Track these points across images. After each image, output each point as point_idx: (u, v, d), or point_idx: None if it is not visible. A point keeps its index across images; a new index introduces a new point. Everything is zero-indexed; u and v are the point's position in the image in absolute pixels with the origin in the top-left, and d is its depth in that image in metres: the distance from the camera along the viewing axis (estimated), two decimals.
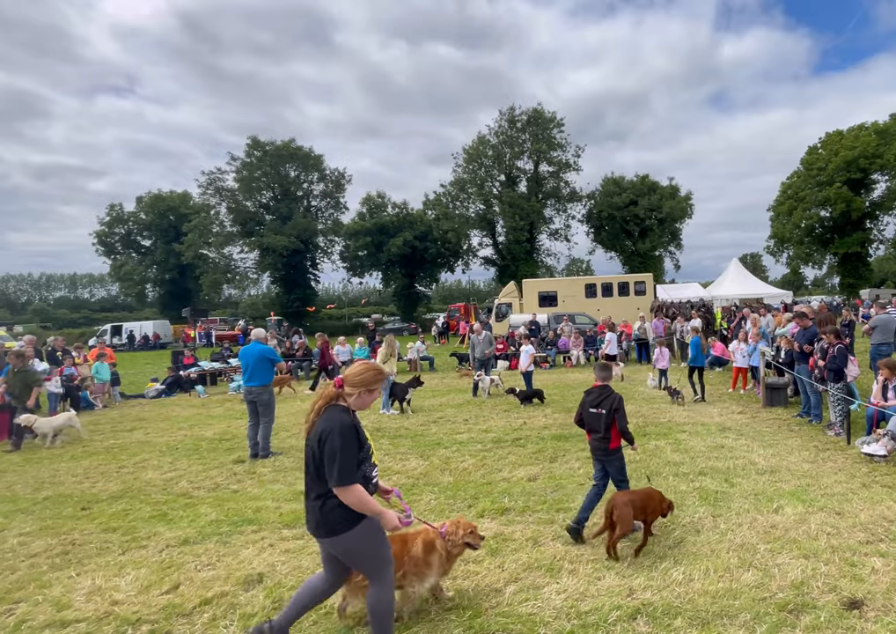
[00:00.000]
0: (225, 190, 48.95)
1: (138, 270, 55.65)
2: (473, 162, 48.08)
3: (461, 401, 12.47)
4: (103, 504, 6.37)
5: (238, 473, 7.45)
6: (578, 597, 3.78)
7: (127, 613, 3.91)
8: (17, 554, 5.09)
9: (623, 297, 26.61)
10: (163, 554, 4.91)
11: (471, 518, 5.32)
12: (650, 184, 49.75)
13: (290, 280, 49.41)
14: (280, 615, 3.41)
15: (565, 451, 7.65)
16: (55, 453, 9.23)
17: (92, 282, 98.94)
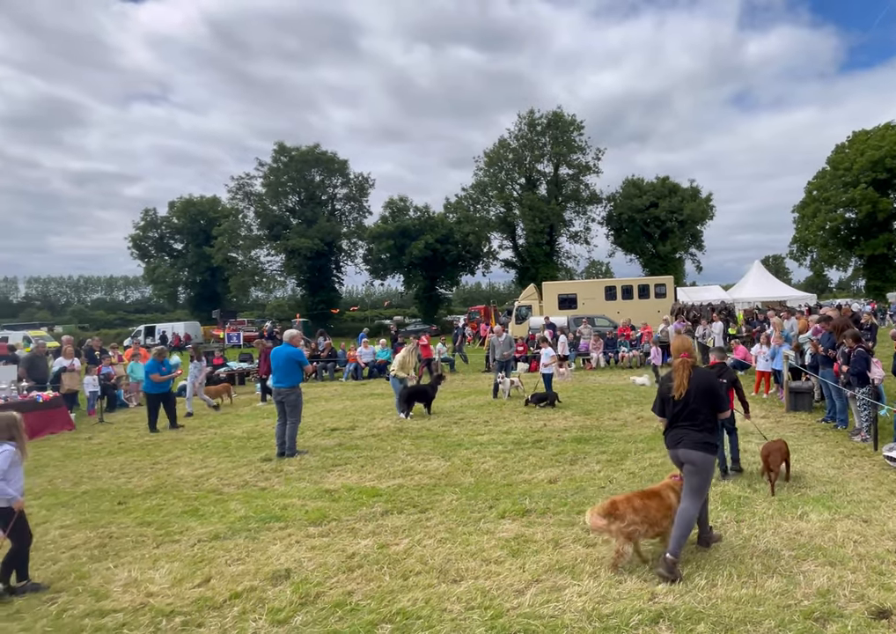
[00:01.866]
0: (253, 195, 49.56)
1: (170, 273, 56.60)
2: (494, 165, 47.97)
3: (482, 402, 12.45)
4: (138, 499, 6.52)
5: (265, 471, 7.55)
6: (600, 600, 3.74)
7: (161, 604, 3.99)
8: (58, 545, 5.23)
9: (643, 299, 26.31)
10: (195, 548, 5.00)
11: (492, 519, 5.34)
12: (671, 186, 49.00)
13: (314, 282, 49.84)
14: (669, 550, 4.09)
15: (585, 453, 7.59)
16: (93, 449, 9.48)
17: (127, 284, 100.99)
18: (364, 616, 3.69)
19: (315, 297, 49.87)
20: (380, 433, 9.64)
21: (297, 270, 48.99)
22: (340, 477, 7.06)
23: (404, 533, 5.11)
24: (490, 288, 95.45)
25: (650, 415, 9.82)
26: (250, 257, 50.12)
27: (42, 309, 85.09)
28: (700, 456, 4.20)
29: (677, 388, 4.39)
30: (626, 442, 8.10)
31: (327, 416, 11.55)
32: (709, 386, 4.39)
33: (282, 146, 48.63)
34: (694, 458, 4.22)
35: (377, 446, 8.71)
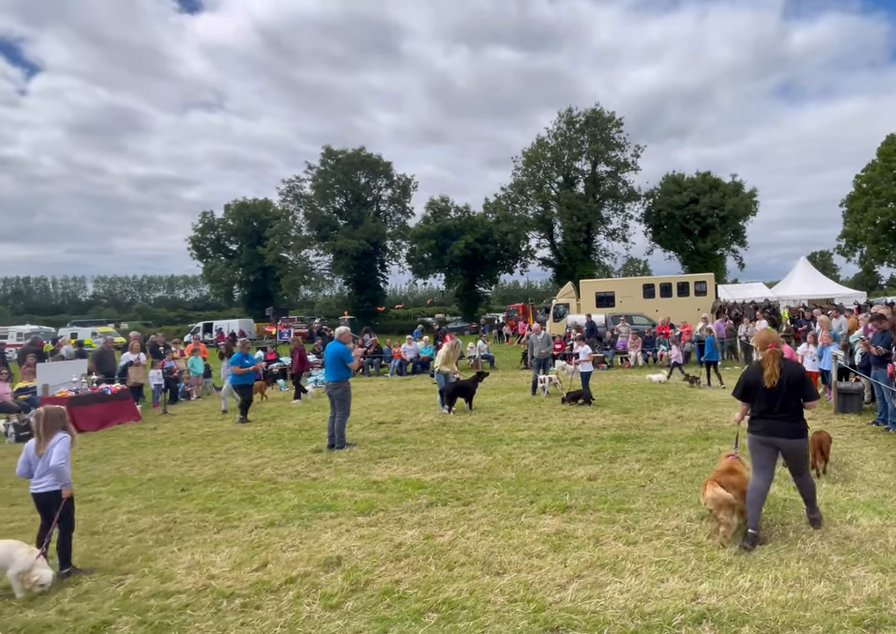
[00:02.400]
0: (303, 197, 50.43)
1: (226, 272, 58.20)
2: (532, 164, 47.21)
3: (521, 399, 12.38)
4: (199, 487, 6.74)
5: (316, 462, 7.71)
6: (642, 598, 3.67)
7: (222, 587, 4.11)
8: (125, 529, 5.43)
9: (683, 297, 25.49)
10: (252, 534, 5.14)
11: (533, 513, 5.32)
12: (712, 181, 46.98)
13: (361, 281, 50.49)
14: (749, 525, 4.45)
15: (625, 452, 7.44)
16: (158, 438, 9.86)
17: (187, 283, 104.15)
18: (412, 605, 3.73)
19: (361, 295, 50.52)
20: (424, 427, 9.71)
21: (344, 270, 49.69)
22: (387, 469, 7.15)
23: (448, 525, 5.13)
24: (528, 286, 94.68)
25: (690, 414, 9.65)
26: (300, 257, 51.09)
27: (109, 307, 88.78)
28: (799, 443, 4.63)
29: (769, 378, 4.55)
30: (666, 441, 7.88)
31: (374, 410, 11.71)
32: (799, 376, 4.64)
33: (330, 150, 49.33)
34: (794, 446, 4.61)
35: (421, 439, 8.78)
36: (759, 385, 4.62)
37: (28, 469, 4.63)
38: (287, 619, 3.64)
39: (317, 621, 3.60)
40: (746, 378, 4.80)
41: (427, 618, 3.58)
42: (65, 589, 4.21)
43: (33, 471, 4.60)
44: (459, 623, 3.49)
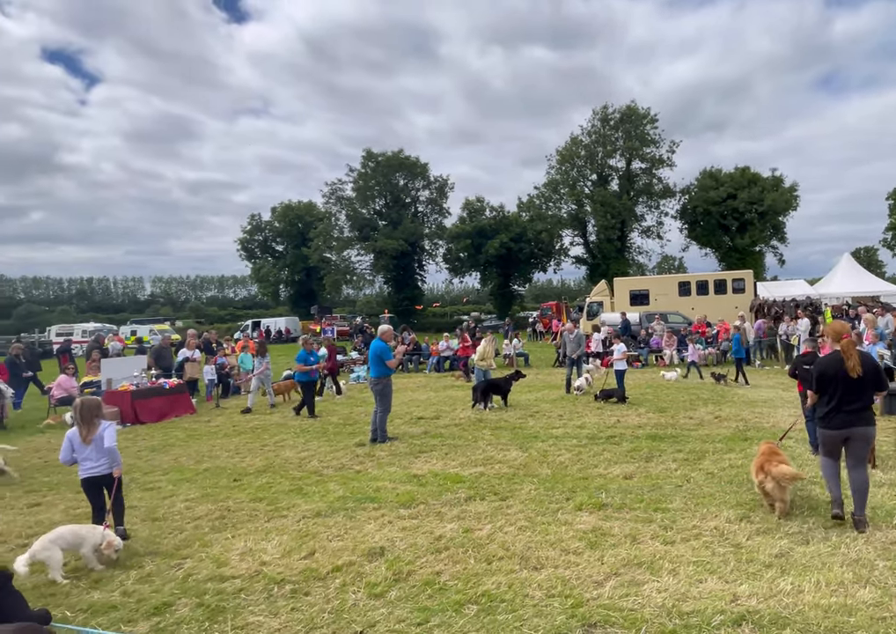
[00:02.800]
0: (344, 199, 50.95)
1: (273, 272, 59.43)
2: (566, 163, 46.26)
3: (555, 396, 12.27)
4: (250, 477, 6.93)
5: (359, 455, 7.83)
6: (680, 597, 3.61)
7: (273, 573, 4.23)
8: (183, 516, 5.62)
9: (720, 295, 24.63)
10: (300, 523, 5.25)
11: (569, 510, 5.27)
12: (751, 176, 44.79)
13: (400, 280, 50.85)
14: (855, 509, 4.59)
15: (661, 451, 7.27)
16: (211, 431, 10.18)
17: (237, 283, 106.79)
18: (452, 596, 3.76)
19: (400, 294, 50.90)
20: (462, 423, 9.74)
21: (384, 269, 50.16)
22: (426, 463, 7.21)
23: (486, 519, 5.15)
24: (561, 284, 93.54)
25: (728, 414, 9.37)
26: (342, 257, 51.72)
27: (165, 305, 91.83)
28: (870, 430, 4.71)
29: (853, 369, 4.56)
30: (703, 442, 7.66)
31: (414, 405, 11.81)
32: (874, 366, 4.74)
33: (370, 152, 49.73)
34: (869, 433, 4.70)
35: (459, 435, 8.81)
36: (837, 376, 4.61)
37: (72, 457, 4.97)
38: (334, 606, 3.72)
39: (362, 608, 3.67)
40: (823, 369, 4.74)
41: (467, 610, 3.60)
42: (128, 572, 4.40)
43: (76, 458, 4.94)
44: (498, 616, 3.50)
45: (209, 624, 3.57)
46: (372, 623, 3.49)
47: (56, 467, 7.88)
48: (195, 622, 3.60)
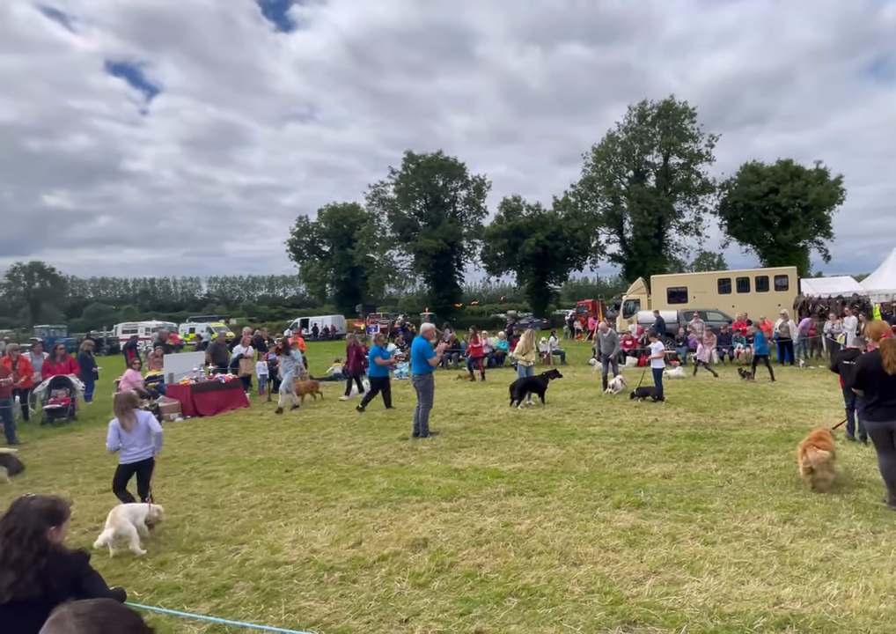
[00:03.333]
0: (386, 200, 51.36)
1: (320, 272, 60.55)
2: (602, 160, 45.07)
3: (592, 394, 12.06)
4: (301, 468, 7.08)
5: (402, 449, 7.90)
6: (721, 598, 3.51)
7: (323, 560, 4.32)
8: (240, 504, 5.79)
9: (762, 292, 23.52)
10: (347, 514, 5.35)
11: (608, 508, 5.19)
12: (793, 169, 42.49)
13: (439, 279, 51.03)
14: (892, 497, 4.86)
15: (700, 451, 7.03)
16: (264, 423, 10.47)
17: (286, 283, 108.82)
18: (493, 588, 3.77)
19: (440, 292, 51.09)
20: (500, 419, 9.72)
21: (424, 268, 50.42)
22: (466, 458, 7.22)
23: (525, 514, 5.13)
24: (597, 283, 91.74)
25: (771, 415, 9.00)
26: (384, 257, 52.23)
27: (220, 304, 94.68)
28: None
29: (889, 366, 4.76)
30: (744, 442, 7.37)
31: (453, 401, 11.84)
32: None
33: (411, 155, 50.02)
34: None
35: (497, 431, 8.79)
36: (876, 373, 4.85)
37: (118, 444, 5.33)
38: (380, 594, 3.78)
39: (407, 597, 3.72)
40: (864, 366, 5.00)
41: (508, 602, 3.60)
42: (190, 555, 4.57)
43: (121, 445, 5.32)
44: (538, 610, 3.49)
45: (265, 607, 3.69)
46: (417, 612, 3.53)
47: None
48: (252, 605, 3.72)
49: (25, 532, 2.18)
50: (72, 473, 7.43)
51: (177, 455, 8.09)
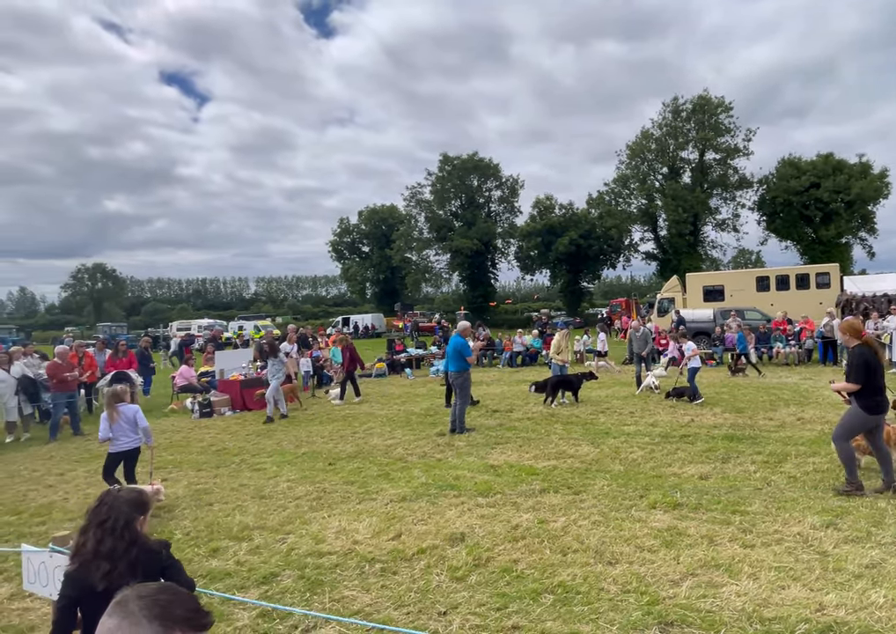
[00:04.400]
0: (423, 201, 51.56)
1: (360, 272, 61.39)
2: (636, 157, 43.88)
3: (626, 393, 11.81)
4: (343, 462, 7.19)
5: (440, 444, 7.92)
6: (761, 603, 3.38)
7: (364, 552, 4.37)
8: (286, 496, 5.89)
9: (802, 290, 22.38)
10: (387, 507, 5.39)
11: (643, 508, 5.07)
12: (835, 163, 40.20)
13: (474, 278, 50.96)
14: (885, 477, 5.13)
15: (738, 452, 6.77)
16: (308, 418, 10.68)
17: (328, 282, 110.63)
18: (529, 584, 3.74)
19: (475, 291, 51.02)
20: (534, 417, 9.64)
21: (459, 268, 50.47)
22: (502, 455, 7.19)
23: (561, 511, 5.07)
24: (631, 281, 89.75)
25: (812, 416, 8.62)
26: (421, 257, 52.54)
27: (266, 303, 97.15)
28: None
29: (882, 358, 5.10)
30: (784, 444, 7.06)
31: (489, 398, 11.81)
32: None
33: (446, 156, 50.06)
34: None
35: (532, 428, 8.72)
36: (878, 365, 5.02)
37: (109, 435, 5.63)
38: (419, 586, 3.80)
39: (445, 590, 3.73)
40: (867, 360, 5.03)
41: (544, 599, 3.57)
42: (241, 544, 4.67)
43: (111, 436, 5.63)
44: (574, 607, 3.45)
45: (310, 595, 3.76)
46: (455, 605, 3.54)
47: (180, 446, 8.64)
48: (298, 593, 3.81)
49: (118, 522, 2.21)
50: None
51: (228, 448, 8.35)
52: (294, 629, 3.39)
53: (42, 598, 3.24)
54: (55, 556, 2.53)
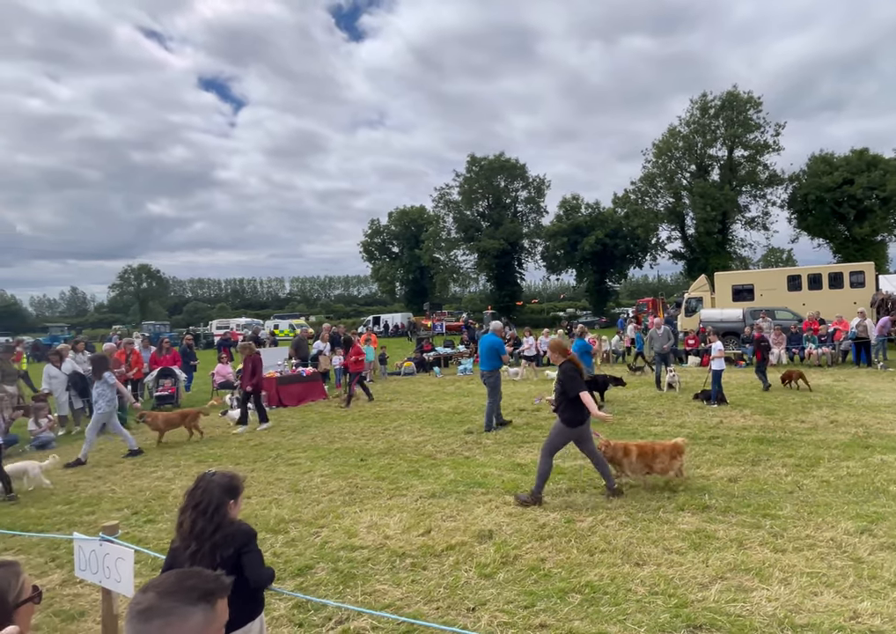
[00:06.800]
0: (451, 202, 51.56)
1: (390, 272, 61.65)
2: (663, 155, 42.53)
3: (652, 394, 11.55)
4: (374, 458, 7.23)
5: (468, 442, 7.91)
6: (792, 608, 3.28)
7: (395, 547, 4.39)
8: (320, 490, 5.96)
9: (835, 289, 21.41)
10: (417, 503, 5.41)
11: (671, 509, 4.96)
12: (870, 158, 38.25)
13: (501, 278, 50.74)
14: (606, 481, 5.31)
15: (769, 455, 6.55)
16: (341, 415, 10.77)
17: (359, 282, 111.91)
18: (556, 583, 3.72)
19: (501, 291, 50.83)
20: None
21: (486, 268, 50.36)
22: (528, 453, 7.13)
23: (587, 511, 5.01)
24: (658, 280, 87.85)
25: (846, 419, 8.30)
26: (449, 257, 52.63)
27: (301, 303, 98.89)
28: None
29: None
30: (817, 447, 6.79)
31: (515, 397, 11.74)
32: None
33: (474, 158, 49.93)
34: None
35: None
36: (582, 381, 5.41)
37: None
38: (448, 582, 3.81)
39: (473, 587, 3.73)
40: (573, 376, 5.35)
41: (571, 598, 3.54)
42: (277, 536, 4.74)
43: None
44: (601, 607, 3.41)
45: (343, 588, 3.81)
46: (483, 602, 3.54)
47: (219, 441, 8.86)
48: (332, 585, 3.86)
49: (210, 505, 2.29)
50: (175, 456, 7.95)
51: (264, 442, 8.52)
52: (328, 620, 3.44)
53: (92, 584, 3.35)
54: (105, 545, 2.63)
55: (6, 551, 4.67)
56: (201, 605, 1.24)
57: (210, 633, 1.26)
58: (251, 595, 2.36)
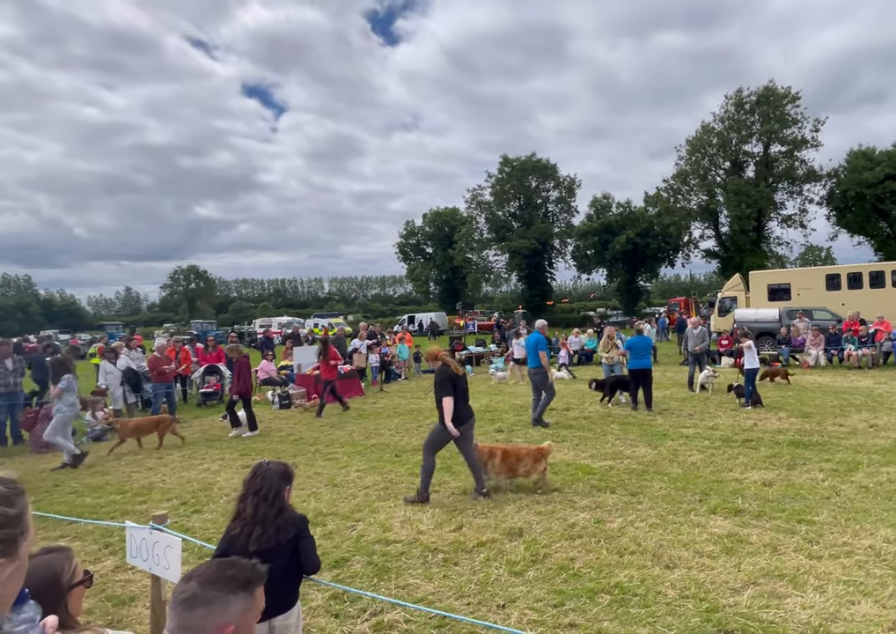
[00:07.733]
0: (483, 203, 51.31)
1: (424, 272, 61.89)
2: (696, 152, 41.07)
3: (684, 395, 11.22)
4: (409, 454, 7.27)
5: (498, 440, 7.85)
6: (828, 617, 3.16)
7: (427, 541, 4.42)
8: (356, 484, 6.04)
9: (877, 289, 20.21)
10: (450, 499, 5.43)
11: (702, 512, 4.84)
12: None
13: (532, 278, 50.27)
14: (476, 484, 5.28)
15: (805, 459, 6.29)
16: (377, 411, 10.90)
17: (395, 282, 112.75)
18: (585, 583, 3.68)
19: (532, 290, 50.36)
20: (591, 416, 9.41)
21: (517, 268, 49.98)
22: (558, 452, 7.02)
23: (617, 512, 4.94)
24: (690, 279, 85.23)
25: (887, 423, 7.92)
26: (481, 257, 52.44)
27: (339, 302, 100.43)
28: None
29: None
30: (855, 452, 6.49)
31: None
32: None
33: (506, 158, 49.57)
34: None
35: (588, 427, 8.52)
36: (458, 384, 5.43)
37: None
38: (479, 578, 3.81)
39: (503, 584, 3.73)
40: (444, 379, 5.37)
41: (600, 598, 3.50)
42: (315, 528, 4.62)
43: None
44: (630, 609, 3.37)
45: (377, 581, 3.86)
46: (513, 599, 3.54)
47: (262, 436, 9.05)
48: (366, 578, 3.92)
49: (271, 491, 2.41)
50: (220, 449, 8.18)
51: (304, 437, 8.72)
52: (363, 611, 3.51)
53: (142, 571, 3.48)
54: (155, 534, 2.72)
55: (63, 538, 4.88)
56: (241, 594, 1.31)
57: (248, 620, 1.32)
58: (300, 580, 2.47)
